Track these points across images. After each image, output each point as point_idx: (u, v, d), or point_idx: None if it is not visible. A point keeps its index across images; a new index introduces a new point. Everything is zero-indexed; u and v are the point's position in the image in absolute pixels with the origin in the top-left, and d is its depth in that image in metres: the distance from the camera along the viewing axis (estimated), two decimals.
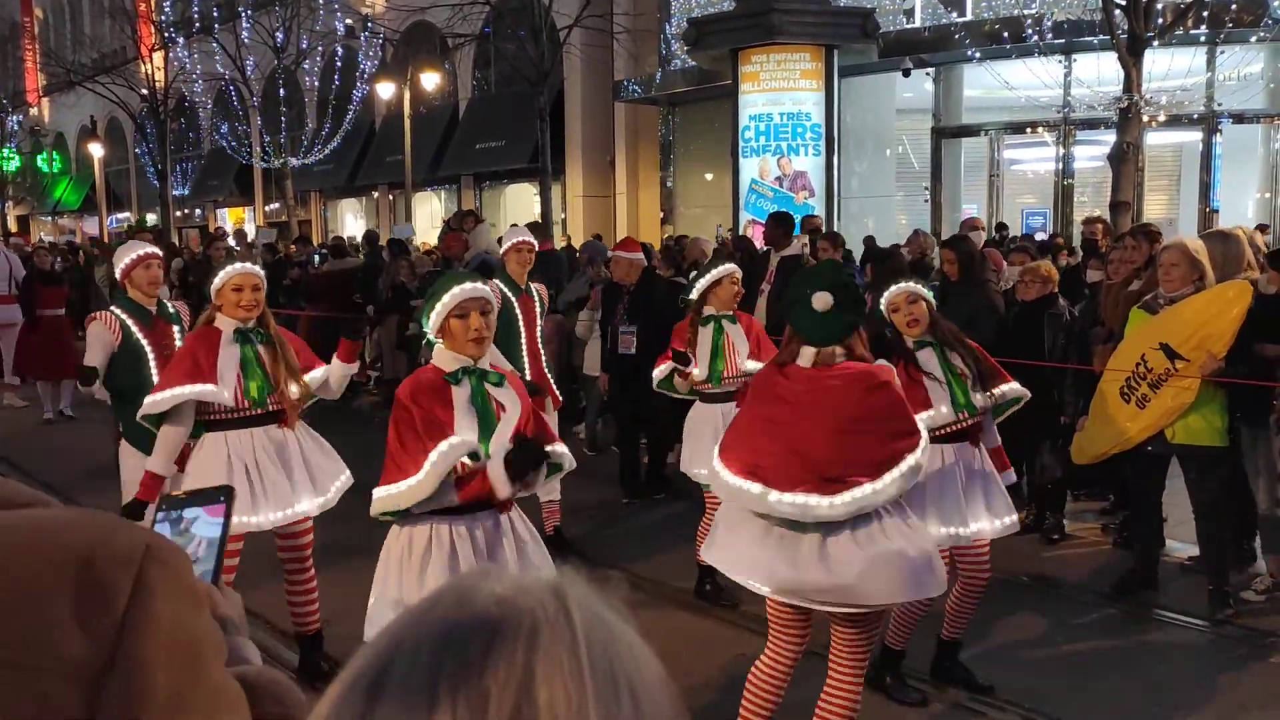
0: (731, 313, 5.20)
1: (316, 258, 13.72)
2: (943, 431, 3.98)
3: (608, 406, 8.19)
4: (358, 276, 11.54)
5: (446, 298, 3.24)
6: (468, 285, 3.26)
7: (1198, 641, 4.90)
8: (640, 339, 7.00)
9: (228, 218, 33.16)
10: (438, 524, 3.24)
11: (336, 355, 4.40)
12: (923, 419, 3.63)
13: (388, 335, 10.72)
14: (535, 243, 6.28)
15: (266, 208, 30.22)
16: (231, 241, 15.95)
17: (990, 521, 4.04)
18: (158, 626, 0.81)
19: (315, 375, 4.35)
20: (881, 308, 4.15)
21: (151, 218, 32.54)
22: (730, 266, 5.28)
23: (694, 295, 5.20)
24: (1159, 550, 5.46)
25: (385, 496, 3.21)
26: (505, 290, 5.83)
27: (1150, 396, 4.94)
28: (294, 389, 4.20)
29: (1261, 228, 11.85)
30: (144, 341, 4.84)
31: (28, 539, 0.81)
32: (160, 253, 5.14)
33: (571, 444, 3.85)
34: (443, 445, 3.13)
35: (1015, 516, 4.16)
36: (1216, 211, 14.66)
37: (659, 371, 5.27)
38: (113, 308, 4.88)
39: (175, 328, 4.98)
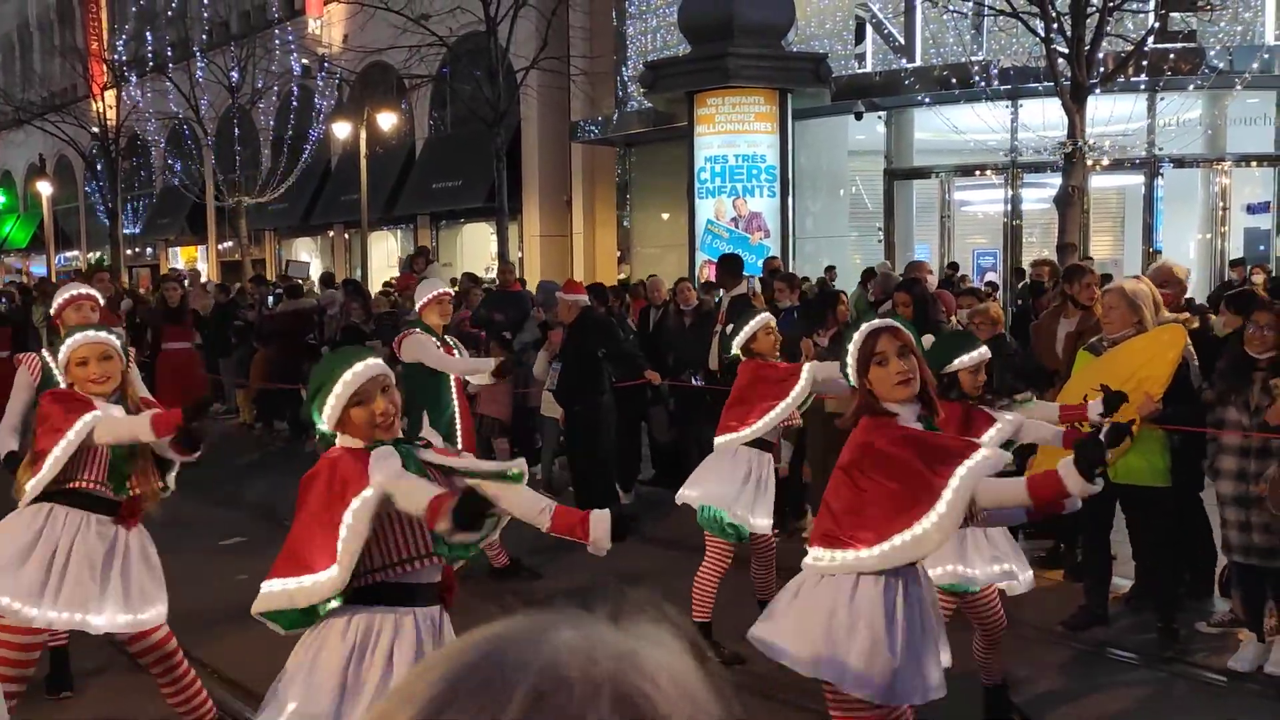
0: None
1: (270, 299, 13.62)
2: None
3: (563, 448, 8.20)
4: (313, 318, 11.47)
5: (339, 388, 2.66)
6: (359, 366, 2.68)
7: (1146, 678, 4.95)
8: (564, 376, 7.22)
9: (180, 256, 32.80)
10: (401, 614, 2.69)
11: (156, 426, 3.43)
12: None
13: None
14: (453, 293, 6.43)
15: (220, 246, 29.94)
16: (186, 281, 15.75)
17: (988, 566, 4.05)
18: None
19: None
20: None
21: (102, 256, 32.08)
22: (765, 317, 5.13)
23: (736, 350, 5.08)
24: (1108, 586, 5.54)
25: (279, 593, 2.65)
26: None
27: None
28: (155, 482, 3.63)
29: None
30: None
31: None
32: (96, 294, 4.80)
33: (529, 485, 3.81)
34: (355, 503, 2.56)
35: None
36: (1159, 252, 15.03)
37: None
38: (43, 350, 4.62)
39: None
